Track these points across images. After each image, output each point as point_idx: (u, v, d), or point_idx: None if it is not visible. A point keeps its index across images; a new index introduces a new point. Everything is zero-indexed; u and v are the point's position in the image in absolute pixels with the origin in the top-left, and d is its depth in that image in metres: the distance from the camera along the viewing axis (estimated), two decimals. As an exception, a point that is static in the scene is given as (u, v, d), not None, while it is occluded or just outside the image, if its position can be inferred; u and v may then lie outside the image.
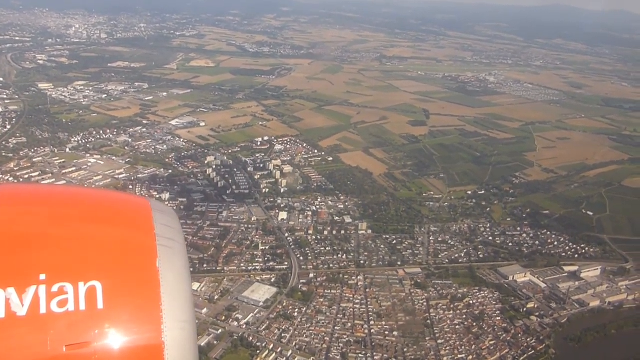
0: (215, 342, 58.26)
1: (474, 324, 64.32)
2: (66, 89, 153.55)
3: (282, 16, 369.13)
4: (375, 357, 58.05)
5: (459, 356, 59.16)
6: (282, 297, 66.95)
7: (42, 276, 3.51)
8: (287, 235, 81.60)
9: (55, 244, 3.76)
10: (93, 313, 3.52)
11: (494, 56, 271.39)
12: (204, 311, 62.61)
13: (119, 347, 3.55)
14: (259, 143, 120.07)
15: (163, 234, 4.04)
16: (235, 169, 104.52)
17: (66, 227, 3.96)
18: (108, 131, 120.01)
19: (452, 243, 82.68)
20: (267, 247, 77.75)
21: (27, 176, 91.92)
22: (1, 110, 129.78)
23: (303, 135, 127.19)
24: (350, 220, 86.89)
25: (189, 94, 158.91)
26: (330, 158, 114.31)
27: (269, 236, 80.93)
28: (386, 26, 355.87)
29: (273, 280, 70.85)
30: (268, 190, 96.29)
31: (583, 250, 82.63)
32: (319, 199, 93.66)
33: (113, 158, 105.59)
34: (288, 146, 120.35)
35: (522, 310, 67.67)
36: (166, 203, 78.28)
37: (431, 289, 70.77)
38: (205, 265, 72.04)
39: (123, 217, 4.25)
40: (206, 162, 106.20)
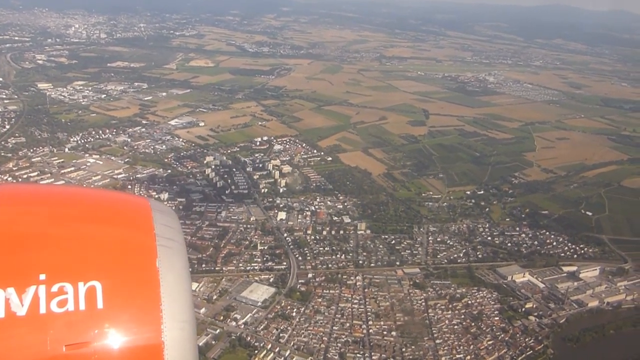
0: (213, 342, 58.31)
1: (472, 324, 64.34)
2: (65, 89, 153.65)
3: (282, 16, 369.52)
4: (373, 357, 58.03)
5: (457, 356, 59.18)
6: (281, 297, 66.97)
7: (42, 276, 3.52)
8: (286, 235, 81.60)
9: (55, 244, 3.76)
10: (93, 313, 3.52)
11: (494, 56, 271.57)
12: (202, 311, 62.65)
13: (119, 347, 3.55)
14: (258, 143, 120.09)
15: (163, 234, 4.05)
16: (234, 169, 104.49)
17: (66, 227, 3.96)
18: (107, 131, 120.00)
19: (451, 243, 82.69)
20: (266, 247, 77.76)
21: (26, 176, 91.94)
22: (0, 110, 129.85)
23: (302, 135, 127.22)
24: (349, 220, 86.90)
25: (188, 94, 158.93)
26: (329, 158, 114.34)
27: (268, 236, 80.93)
28: (386, 26, 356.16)
29: (271, 280, 70.90)
30: (267, 190, 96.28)
31: (582, 250, 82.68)
32: (318, 199, 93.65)
33: (112, 158, 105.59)
34: (287, 146, 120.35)
35: (521, 310, 67.69)
36: (165, 203, 78.21)
37: (430, 289, 70.78)
38: (203, 265, 72.06)
39: (123, 217, 4.26)
40: (205, 162, 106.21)
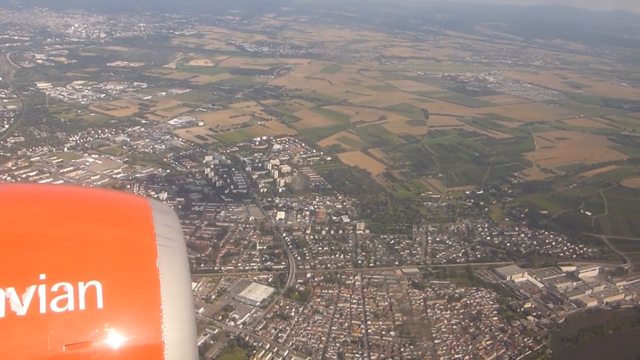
0: (211, 342, 58.28)
1: (471, 324, 64.30)
2: (65, 89, 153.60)
3: (282, 16, 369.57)
4: (372, 357, 58.00)
5: (456, 356, 59.15)
6: (279, 297, 66.92)
7: (42, 276, 3.51)
8: (285, 235, 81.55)
9: (54, 244, 3.75)
10: (93, 313, 3.52)
11: (494, 56, 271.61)
12: (201, 311, 62.56)
13: (119, 347, 3.55)
14: (258, 143, 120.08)
15: (163, 234, 4.04)
16: (233, 169, 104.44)
17: (66, 227, 3.95)
18: (106, 130, 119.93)
19: (450, 243, 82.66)
20: (265, 247, 77.71)
21: (25, 175, 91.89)
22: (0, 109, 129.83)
23: (302, 134, 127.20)
24: (348, 220, 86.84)
25: (188, 94, 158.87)
26: (328, 158, 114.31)
27: (267, 236, 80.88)
28: (386, 26, 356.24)
29: (270, 280, 70.86)
30: (266, 189, 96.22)
31: (581, 250, 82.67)
32: (317, 199, 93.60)
33: (111, 157, 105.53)
34: (286, 146, 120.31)
35: (520, 310, 67.68)
36: (164, 203, 78.15)
37: (428, 289, 70.73)
38: (202, 264, 71.99)
39: (123, 217, 4.25)
40: (204, 162, 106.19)
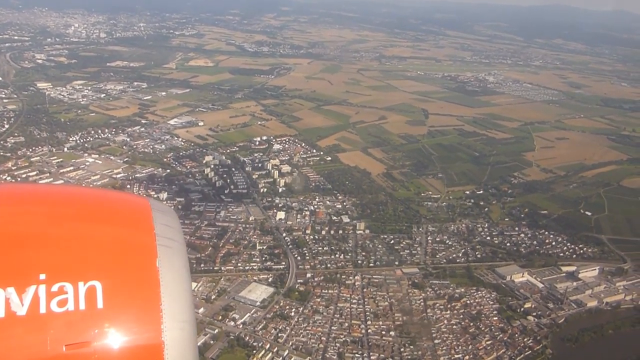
0: (211, 342, 58.26)
1: (471, 324, 64.27)
2: (65, 89, 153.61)
3: (282, 16, 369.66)
4: (371, 357, 57.99)
5: (456, 356, 59.12)
6: (279, 297, 66.89)
7: (42, 276, 3.51)
8: (285, 235, 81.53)
9: (55, 244, 3.76)
10: (93, 313, 3.52)
11: (494, 56, 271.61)
12: (201, 311, 62.52)
13: (119, 347, 3.55)
14: (258, 143, 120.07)
15: (163, 234, 4.04)
16: (233, 169, 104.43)
17: (66, 227, 3.95)
18: (106, 130, 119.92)
19: (450, 243, 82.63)
20: (265, 247, 77.67)
21: (25, 175, 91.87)
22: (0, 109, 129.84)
23: (302, 134, 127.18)
24: (348, 220, 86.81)
25: (188, 94, 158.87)
26: (328, 158, 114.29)
27: (267, 236, 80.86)
28: (386, 26, 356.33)
29: (270, 280, 70.84)
30: (266, 189, 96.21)
31: (581, 250, 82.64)
32: (317, 199, 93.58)
33: (111, 157, 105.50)
34: (286, 146, 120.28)
35: (520, 310, 67.64)
36: (164, 203, 78.15)
37: (428, 289, 70.71)
38: (202, 264, 71.96)
39: (123, 217, 4.25)
40: (204, 162, 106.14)
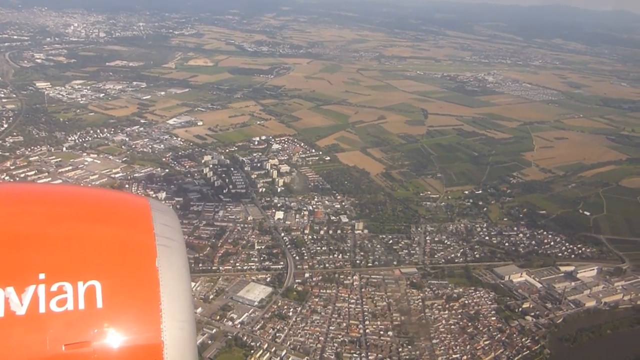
0: (209, 342, 58.24)
1: (469, 324, 64.24)
2: (64, 88, 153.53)
3: (282, 15, 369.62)
4: (369, 357, 57.97)
5: (454, 356, 59.09)
6: (277, 297, 66.87)
7: (42, 275, 3.52)
8: (283, 234, 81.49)
9: (54, 244, 3.76)
10: (92, 312, 3.52)
11: (493, 56, 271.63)
12: (199, 310, 62.37)
13: (118, 347, 3.55)
14: (257, 142, 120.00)
15: (162, 234, 4.05)
16: (232, 168, 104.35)
17: (65, 227, 3.95)
18: (105, 130, 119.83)
19: (449, 243, 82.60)
20: (263, 247, 77.61)
21: (24, 175, 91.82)
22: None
23: (301, 134, 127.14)
24: (346, 219, 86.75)
25: (187, 93, 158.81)
26: (327, 157, 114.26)
27: (265, 236, 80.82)
28: (385, 25, 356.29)
29: (268, 279, 70.81)
30: (265, 189, 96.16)
31: (579, 250, 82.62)
32: (316, 199, 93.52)
33: (110, 157, 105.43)
34: (285, 145, 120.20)
35: (518, 310, 67.61)
36: (163, 202, 78.04)
37: (427, 289, 70.70)
38: (200, 264, 71.88)
39: (122, 217, 4.26)
40: (203, 162, 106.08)
